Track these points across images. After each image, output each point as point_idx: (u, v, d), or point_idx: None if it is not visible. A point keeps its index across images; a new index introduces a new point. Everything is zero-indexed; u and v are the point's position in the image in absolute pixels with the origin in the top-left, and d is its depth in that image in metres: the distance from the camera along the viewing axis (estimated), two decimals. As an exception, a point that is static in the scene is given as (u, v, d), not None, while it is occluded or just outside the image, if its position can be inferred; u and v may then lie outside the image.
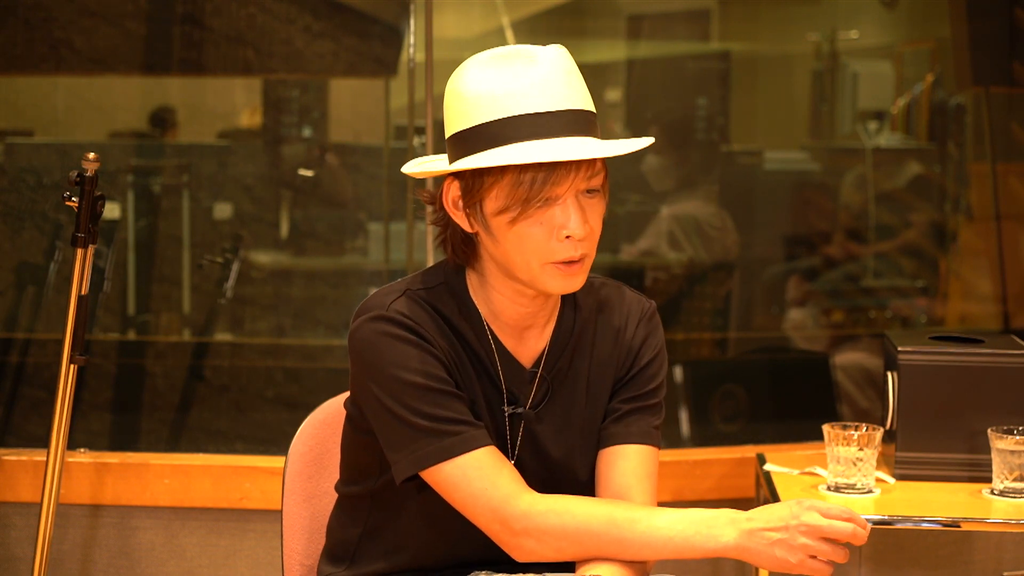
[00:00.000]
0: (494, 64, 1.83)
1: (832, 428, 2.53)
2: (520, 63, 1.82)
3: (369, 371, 1.88)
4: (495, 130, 1.80)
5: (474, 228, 1.88)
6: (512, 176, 1.80)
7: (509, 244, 1.84)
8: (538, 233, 1.82)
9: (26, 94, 4.59)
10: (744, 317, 4.82)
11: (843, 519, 1.78)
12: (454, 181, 1.87)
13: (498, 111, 1.80)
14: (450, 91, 1.86)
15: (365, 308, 1.91)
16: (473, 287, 1.95)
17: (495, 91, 1.80)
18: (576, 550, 1.83)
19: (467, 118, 1.82)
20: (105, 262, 4.08)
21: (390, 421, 1.87)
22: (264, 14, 4.28)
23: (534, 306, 1.94)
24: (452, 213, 1.89)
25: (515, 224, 1.82)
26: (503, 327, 1.95)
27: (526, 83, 1.80)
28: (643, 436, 1.98)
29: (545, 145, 1.79)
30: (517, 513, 1.82)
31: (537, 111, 1.80)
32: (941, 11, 4.83)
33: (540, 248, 1.83)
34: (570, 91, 1.82)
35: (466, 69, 1.85)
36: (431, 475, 1.86)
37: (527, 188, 1.80)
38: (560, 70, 1.82)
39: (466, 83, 1.83)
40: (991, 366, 2.62)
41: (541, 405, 1.97)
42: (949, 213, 4.87)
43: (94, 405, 4.14)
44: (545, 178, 1.79)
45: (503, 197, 1.81)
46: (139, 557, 3.06)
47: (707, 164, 4.86)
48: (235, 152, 4.66)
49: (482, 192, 1.83)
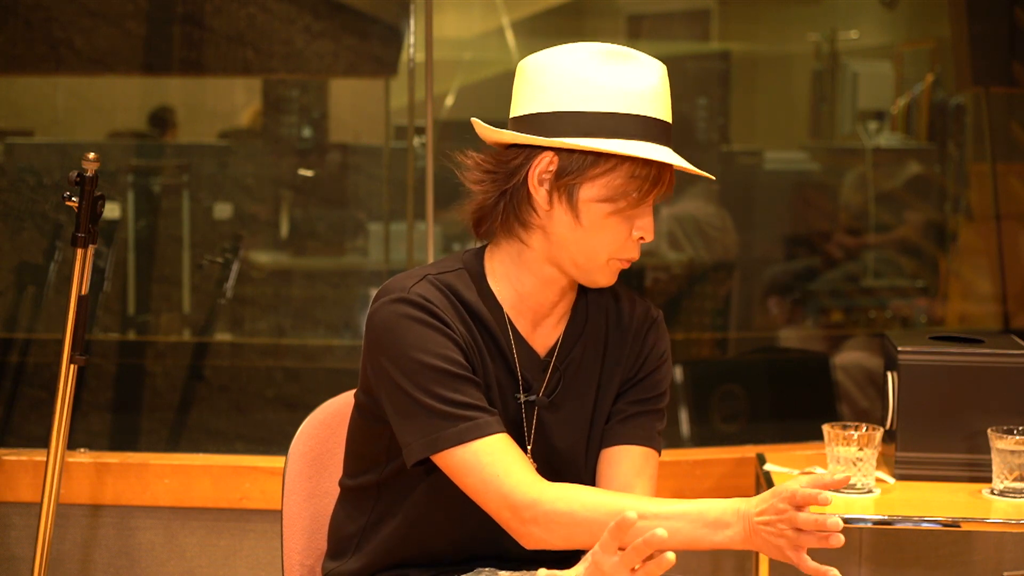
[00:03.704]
0: (614, 60, 1.86)
1: (832, 428, 2.53)
2: (635, 64, 1.86)
3: (387, 352, 1.88)
4: (616, 122, 1.84)
5: (552, 206, 1.88)
6: (629, 170, 1.84)
7: (592, 231, 1.87)
8: (623, 230, 1.88)
9: (26, 94, 4.59)
10: (744, 317, 4.82)
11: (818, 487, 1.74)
12: (553, 156, 1.87)
13: (622, 105, 1.83)
14: (564, 69, 1.86)
15: (385, 291, 1.92)
16: (493, 273, 1.96)
17: (623, 85, 1.84)
18: (585, 538, 1.83)
19: (580, 101, 1.84)
20: (105, 262, 4.08)
21: (405, 403, 1.87)
22: (264, 14, 4.28)
23: (559, 296, 1.97)
24: (533, 185, 1.88)
25: (610, 216, 1.86)
26: (521, 314, 1.96)
27: (647, 87, 1.86)
28: (646, 438, 2.00)
29: (661, 150, 1.85)
30: (527, 500, 1.83)
31: (652, 115, 1.86)
32: (941, 11, 4.83)
33: (617, 243, 1.88)
34: (666, 105, 1.90)
35: (578, 53, 1.86)
36: (443, 459, 1.87)
37: (638, 186, 1.85)
38: (664, 83, 1.89)
39: (580, 67, 1.85)
40: (991, 366, 2.62)
41: (554, 394, 1.98)
42: (949, 213, 4.87)
43: (94, 405, 4.14)
44: (654, 180, 1.85)
45: (612, 188, 1.85)
46: (139, 557, 3.05)
47: (707, 164, 4.85)
48: (235, 152, 4.66)
49: (587, 176, 1.85)
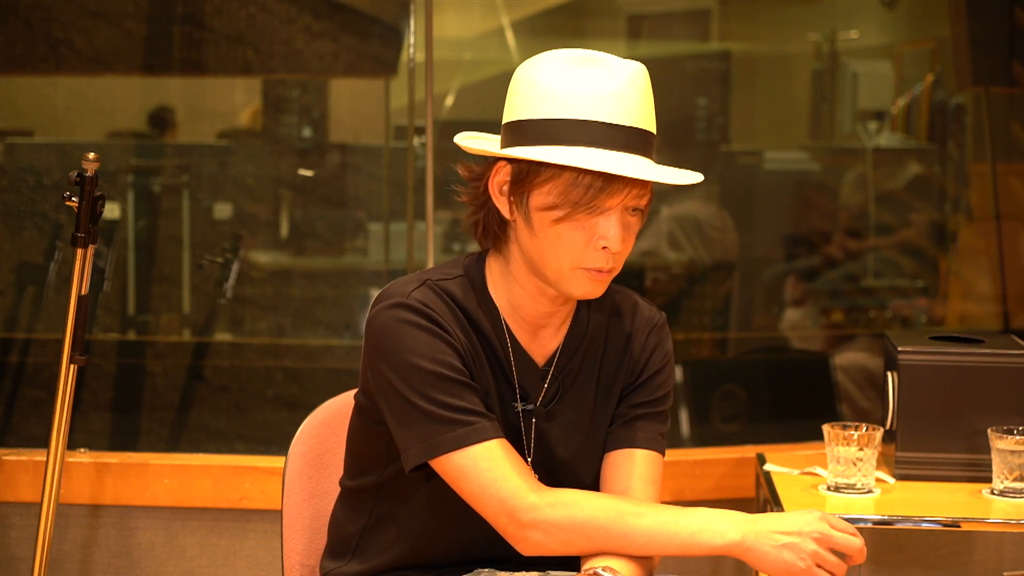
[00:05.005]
0: (574, 64, 1.84)
1: (832, 428, 2.53)
2: (601, 70, 1.83)
3: (386, 357, 1.88)
4: (562, 128, 1.81)
5: (513, 216, 1.88)
6: (570, 177, 1.81)
7: (545, 240, 1.85)
8: (578, 238, 1.84)
9: (26, 94, 4.59)
10: (744, 317, 4.82)
11: (851, 533, 1.81)
12: (506, 165, 1.87)
13: (570, 111, 1.81)
14: (521, 78, 1.86)
15: (384, 296, 1.92)
16: (493, 281, 1.96)
17: (572, 90, 1.82)
18: (583, 544, 1.84)
19: (536, 108, 1.83)
20: (105, 262, 4.08)
21: (403, 408, 1.87)
22: (264, 14, 4.28)
23: (553, 306, 1.95)
24: (495, 196, 1.89)
25: (558, 224, 1.83)
26: (519, 323, 1.96)
27: (603, 91, 1.81)
28: (649, 442, 2.00)
29: (609, 156, 1.80)
30: (525, 505, 1.83)
31: (607, 121, 1.81)
32: (941, 11, 4.83)
33: (575, 252, 1.85)
34: (640, 110, 1.84)
35: (544, 61, 1.86)
36: (441, 464, 1.87)
37: (581, 193, 1.81)
38: (636, 87, 1.83)
39: (542, 74, 1.84)
40: (991, 366, 2.62)
41: (551, 404, 1.98)
42: (949, 213, 4.87)
43: (94, 405, 4.14)
44: (601, 187, 1.81)
45: (555, 195, 1.83)
46: (139, 557, 3.05)
47: (707, 164, 4.85)
48: (235, 152, 4.66)
49: (534, 184, 1.84)
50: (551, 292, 1.93)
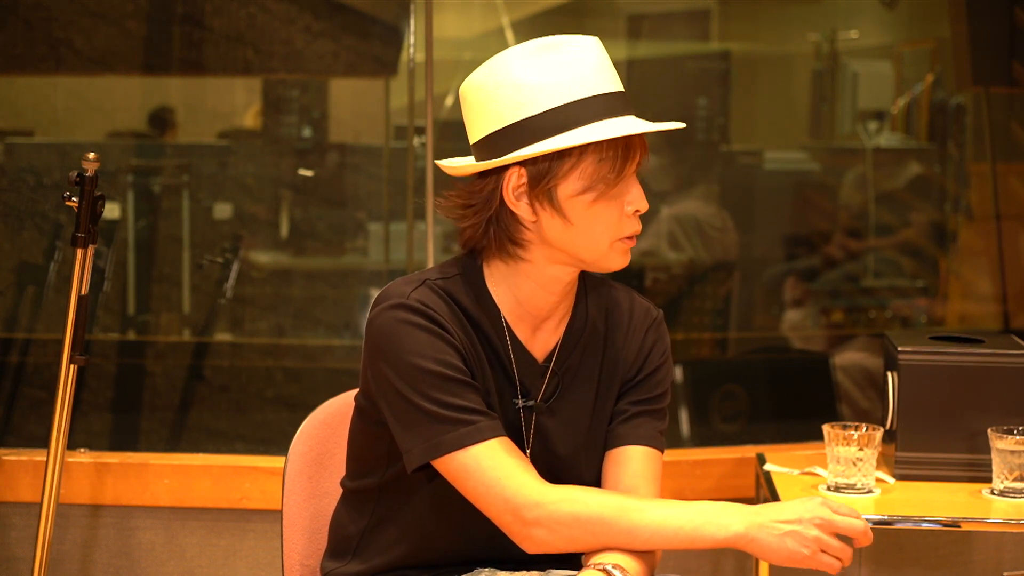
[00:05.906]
0: (542, 54, 1.85)
1: (832, 428, 2.53)
2: (568, 50, 1.85)
3: (386, 358, 1.88)
4: (566, 114, 1.83)
5: (535, 216, 1.88)
6: (594, 155, 1.84)
7: (583, 224, 1.87)
8: (613, 211, 1.87)
9: (26, 94, 4.59)
10: (744, 317, 4.82)
11: (854, 516, 1.81)
12: (519, 169, 1.87)
13: (567, 94, 1.83)
14: (498, 83, 1.86)
15: (384, 296, 1.92)
16: (492, 279, 1.96)
17: (558, 76, 1.83)
18: (588, 539, 1.84)
19: (531, 105, 1.84)
20: (105, 262, 4.08)
21: (405, 408, 1.87)
22: (264, 14, 4.28)
23: (559, 297, 1.96)
24: (511, 203, 1.89)
25: (595, 204, 1.86)
26: (519, 320, 1.96)
27: (583, 68, 1.85)
28: (649, 439, 2.00)
29: (620, 123, 1.84)
30: (529, 503, 1.83)
31: (601, 92, 1.85)
32: (941, 11, 4.83)
33: (612, 225, 1.88)
34: (614, 74, 1.89)
35: (510, 61, 1.86)
36: (444, 464, 1.87)
37: (609, 167, 1.85)
38: (603, 55, 1.88)
39: (519, 73, 1.85)
40: (991, 366, 2.62)
41: (552, 399, 1.98)
42: (949, 213, 4.87)
43: (94, 405, 4.14)
44: (624, 154, 1.85)
45: (585, 178, 1.85)
46: (139, 557, 3.05)
47: (707, 164, 4.86)
48: (235, 152, 4.66)
49: (557, 176, 1.85)
50: (565, 280, 1.94)
